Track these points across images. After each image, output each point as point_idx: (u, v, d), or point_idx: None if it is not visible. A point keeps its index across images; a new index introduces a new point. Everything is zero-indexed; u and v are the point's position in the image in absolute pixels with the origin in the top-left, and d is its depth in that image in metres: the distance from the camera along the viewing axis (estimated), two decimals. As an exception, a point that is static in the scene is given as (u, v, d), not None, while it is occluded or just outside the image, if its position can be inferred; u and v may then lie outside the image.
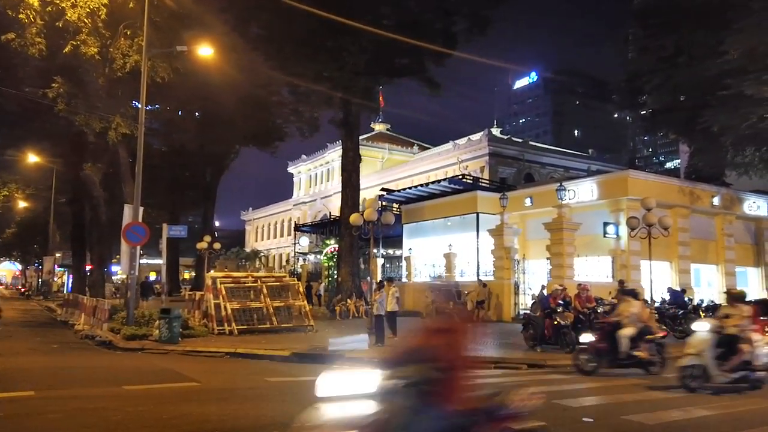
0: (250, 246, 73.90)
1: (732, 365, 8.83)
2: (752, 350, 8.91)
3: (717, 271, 25.19)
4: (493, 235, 24.28)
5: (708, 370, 8.79)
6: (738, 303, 9.62)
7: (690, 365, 8.97)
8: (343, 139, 28.99)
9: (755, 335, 9.18)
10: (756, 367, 8.94)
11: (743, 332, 8.99)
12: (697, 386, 8.81)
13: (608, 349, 10.42)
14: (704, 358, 8.83)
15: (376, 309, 14.27)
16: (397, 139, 62.32)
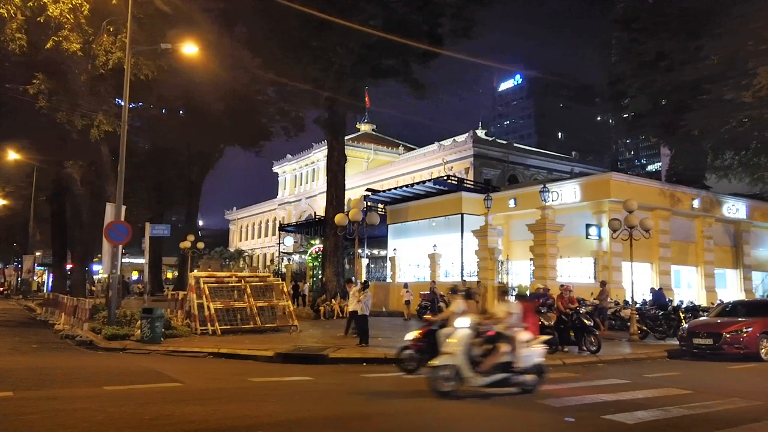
0: (234, 246, 73.48)
1: (486, 367, 8.12)
2: (512, 350, 8.29)
3: (697, 272, 25.60)
4: (478, 236, 24.43)
5: (461, 371, 7.98)
6: (508, 298, 9.19)
7: (442, 366, 8.07)
8: (329, 139, 28.97)
9: (523, 334, 8.58)
10: (515, 369, 8.25)
11: (509, 330, 8.44)
12: (451, 390, 7.93)
13: (427, 348, 10.12)
14: (458, 358, 8.04)
15: (361, 309, 14.28)
16: (383, 139, 62.42)
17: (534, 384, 8.51)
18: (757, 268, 28.09)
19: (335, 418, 7.01)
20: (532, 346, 8.66)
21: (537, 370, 8.58)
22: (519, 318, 8.80)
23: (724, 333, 13.24)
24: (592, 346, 12.99)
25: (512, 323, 8.63)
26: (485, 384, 8.13)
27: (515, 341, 8.42)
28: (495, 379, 8.17)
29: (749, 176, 24.70)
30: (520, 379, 8.37)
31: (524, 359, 8.39)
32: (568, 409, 7.41)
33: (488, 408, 7.69)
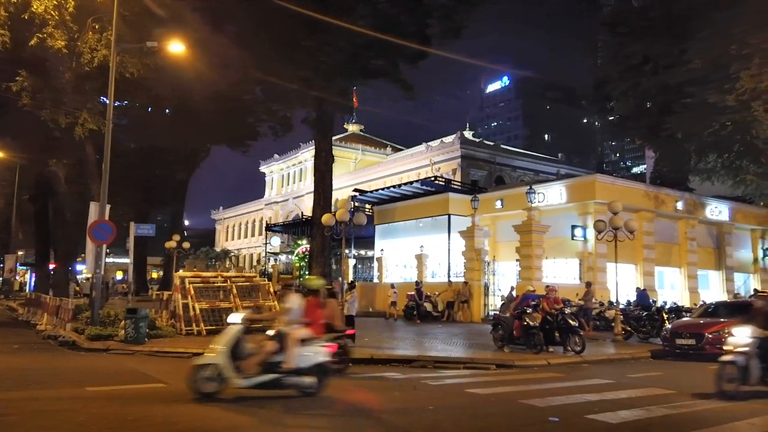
0: (220, 245, 73.07)
1: (248, 366, 7.60)
2: (282, 349, 7.73)
3: (680, 273, 25.88)
4: (464, 237, 24.51)
5: (223, 371, 7.50)
6: (292, 291, 8.46)
7: (203, 365, 7.61)
8: (317, 139, 28.91)
9: (300, 332, 7.93)
10: (285, 370, 7.64)
11: (287, 327, 7.89)
12: (215, 391, 7.53)
13: None
14: (220, 357, 7.55)
15: (347, 309, 14.25)
16: (371, 140, 62.43)
17: (314, 386, 7.83)
18: (738, 269, 28.48)
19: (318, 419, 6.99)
20: (313, 344, 8.00)
21: (318, 371, 7.88)
22: (299, 314, 8.15)
23: (706, 333, 13.41)
24: (577, 346, 13.09)
25: (291, 319, 7.99)
26: (250, 385, 7.56)
27: (287, 339, 7.78)
28: (262, 381, 7.59)
29: (732, 179, 25.06)
30: (294, 380, 7.73)
31: (299, 359, 7.73)
32: (553, 409, 7.46)
33: (483, 406, 7.72)
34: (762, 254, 29.26)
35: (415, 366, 11.62)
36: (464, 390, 8.91)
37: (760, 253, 29.50)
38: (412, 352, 13.28)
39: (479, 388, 9.03)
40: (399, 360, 12.10)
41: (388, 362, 11.92)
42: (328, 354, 8.11)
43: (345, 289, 15.66)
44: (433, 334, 17.90)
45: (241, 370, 7.56)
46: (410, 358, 12.22)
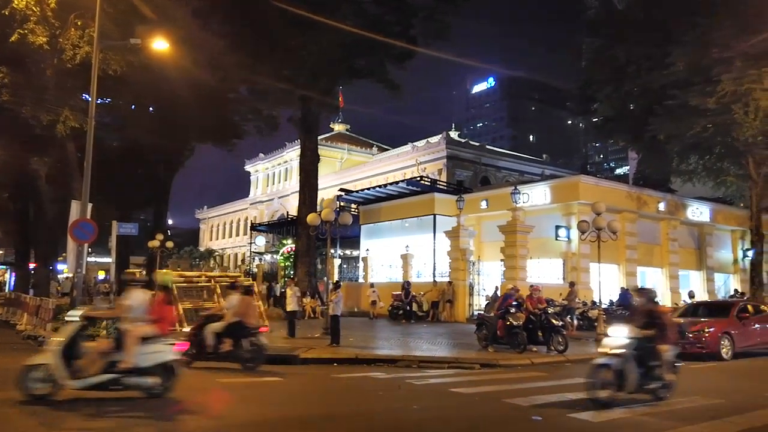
0: (204, 245, 72.52)
1: (85, 365, 7.18)
2: (119, 348, 7.35)
3: (662, 274, 26.21)
4: (450, 237, 24.59)
5: (54, 372, 7.01)
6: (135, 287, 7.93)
7: (34, 365, 7.11)
8: (302, 138, 28.81)
9: (142, 329, 7.52)
10: (123, 369, 7.23)
11: (131, 324, 7.48)
12: (47, 393, 7.02)
13: (197, 341, 10.48)
14: (51, 357, 7.08)
15: (332, 309, 14.25)
16: (357, 139, 62.35)
17: (158, 387, 7.46)
18: (719, 269, 28.92)
19: (303, 419, 6.98)
20: (157, 343, 7.59)
21: (163, 370, 7.50)
22: (142, 310, 7.71)
23: (687, 333, 13.58)
24: (560, 345, 13.20)
25: (134, 316, 7.57)
26: (84, 387, 7.14)
27: (126, 337, 7.38)
28: (97, 381, 7.16)
29: (713, 180, 25.37)
30: (134, 380, 7.31)
31: (139, 358, 7.31)
32: (536, 408, 7.52)
33: (467, 406, 7.75)
34: (742, 255, 29.71)
35: (400, 366, 11.64)
36: (448, 389, 8.94)
37: (739, 254, 29.97)
38: (396, 352, 13.30)
39: (463, 388, 9.06)
40: (384, 360, 12.11)
41: (373, 362, 11.93)
42: (175, 353, 7.68)
43: (330, 289, 15.67)
44: (418, 334, 17.93)
45: (79, 369, 7.15)
46: (395, 358, 12.24)
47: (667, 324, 8.06)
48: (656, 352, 7.84)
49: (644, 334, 7.83)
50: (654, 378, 7.80)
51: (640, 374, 7.64)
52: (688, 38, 20.33)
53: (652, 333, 7.87)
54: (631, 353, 7.64)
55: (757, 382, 10.56)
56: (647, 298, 8.36)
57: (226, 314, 10.85)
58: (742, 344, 13.99)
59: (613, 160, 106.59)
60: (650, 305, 8.24)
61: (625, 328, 7.91)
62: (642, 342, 7.79)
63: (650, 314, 8.07)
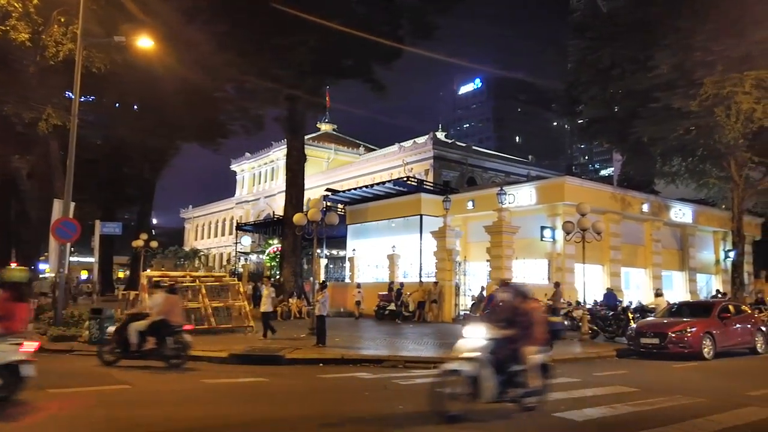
0: (189, 245, 71.98)
1: None
2: None
3: (645, 274, 26.49)
4: (436, 237, 24.64)
5: None
6: None
7: None
8: (289, 138, 28.73)
9: None
10: None
11: None
12: None
13: (121, 339, 10.65)
14: None
15: (318, 309, 14.21)
16: (343, 139, 62.28)
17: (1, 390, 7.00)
18: (701, 270, 29.30)
19: (289, 420, 6.95)
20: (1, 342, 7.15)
21: (6, 372, 7.07)
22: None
23: (669, 333, 13.74)
24: (545, 345, 13.25)
25: None
26: None
27: None
28: None
29: (695, 182, 25.67)
30: None
31: None
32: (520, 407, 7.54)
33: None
34: (723, 256, 30.13)
35: (386, 366, 11.64)
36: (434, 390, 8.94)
37: (721, 255, 30.39)
38: (383, 352, 13.29)
39: (449, 388, 9.07)
40: (370, 360, 12.10)
41: (359, 362, 11.91)
42: (22, 353, 7.18)
43: (316, 289, 15.62)
44: (404, 334, 17.94)
45: None
46: (381, 358, 12.23)
47: (534, 322, 6.99)
48: (519, 355, 6.83)
49: (504, 335, 6.83)
50: (517, 385, 6.83)
51: (500, 381, 6.67)
52: (672, 41, 20.55)
53: (513, 333, 6.87)
54: (488, 357, 6.62)
55: (738, 382, 10.70)
56: (514, 293, 7.32)
57: (150, 313, 10.96)
58: (723, 344, 14.18)
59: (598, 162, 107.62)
60: (516, 301, 7.18)
61: (482, 328, 6.90)
62: (501, 343, 6.78)
63: (514, 311, 7.06)
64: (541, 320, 7.17)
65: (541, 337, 7.06)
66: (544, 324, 7.23)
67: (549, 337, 7.47)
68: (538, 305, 7.45)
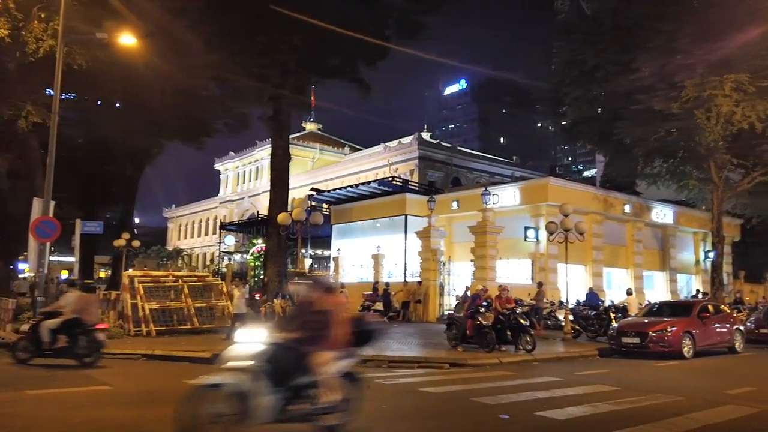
0: (172, 244, 71.37)
1: None
2: None
3: (627, 274, 26.80)
4: (421, 237, 24.69)
5: None
6: None
7: None
8: (273, 137, 28.55)
9: None
10: None
11: None
12: None
13: (33, 338, 10.73)
14: None
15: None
16: (329, 139, 62.17)
17: None
18: (681, 270, 29.72)
19: (273, 420, 6.91)
20: None
21: None
22: None
23: (650, 332, 13.92)
24: (528, 345, 13.37)
25: None
26: None
27: None
28: None
29: (676, 183, 26.02)
30: None
31: None
32: (504, 407, 7.61)
33: (436, 405, 7.79)
34: (703, 256, 30.59)
35: (370, 366, 11.62)
36: (417, 389, 8.99)
37: (701, 255, 30.85)
38: (366, 352, 13.26)
39: (432, 387, 9.12)
40: (353, 360, 12.08)
41: (343, 362, 11.89)
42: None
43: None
44: (388, 334, 17.94)
45: None
46: (365, 358, 12.14)
47: (331, 322, 5.65)
48: (307, 364, 5.43)
49: (287, 338, 5.63)
50: (304, 399, 5.47)
51: (282, 396, 5.31)
52: (654, 44, 20.81)
53: (300, 336, 5.63)
54: (263, 367, 5.30)
55: (717, 380, 10.87)
56: (313, 286, 6.19)
57: (64, 311, 10.99)
58: (702, 343, 14.40)
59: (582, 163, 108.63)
60: (314, 297, 5.96)
61: (260, 331, 5.76)
62: (283, 349, 5.49)
63: (308, 309, 5.91)
64: (343, 319, 5.76)
65: (341, 340, 5.66)
66: (347, 324, 5.79)
67: (359, 339, 5.95)
68: (341, 300, 5.99)
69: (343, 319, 5.79)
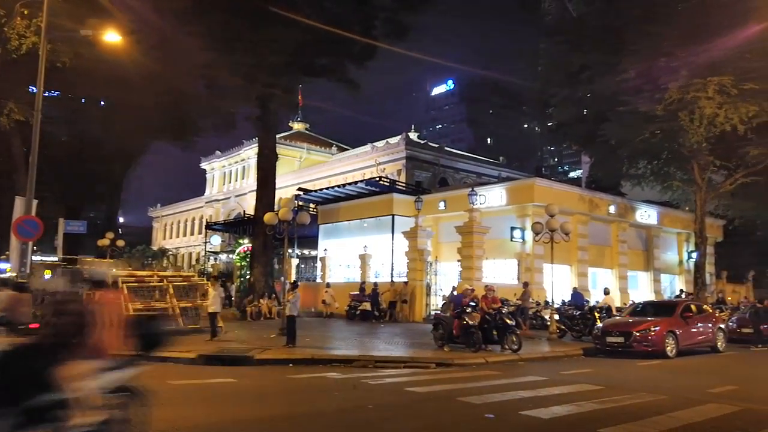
0: (157, 244, 70.74)
1: None
2: None
3: (612, 274, 27.03)
4: (408, 237, 24.71)
5: None
6: None
7: None
8: (260, 136, 28.44)
9: None
10: None
11: None
12: None
13: None
14: None
15: (289, 310, 14.11)
16: (316, 139, 61.96)
17: None
18: (665, 270, 30.05)
19: (258, 420, 6.89)
20: None
21: None
22: None
23: (634, 332, 14.06)
24: (514, 344, 13.44)
25: None
26: None
27: None
28: None
29: (660, 184, 26.28)
30: None
31: None
32: (489, 406, 7.63)
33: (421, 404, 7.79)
34: (686, 257, 30.95)
35: (356, 366, 11.63)
36: (403, 389, 8.99)
37: (684, 256, 31.20)
38: (353, 352, 13.28)
39: (418, 387, 9.13)
40: (340, 360, 12.08)
41: (330, 362, 11.88)
42: None
43: (287, 289, 15.52)
44: (374, 334, 17.95)
45: None
46: (351, 358, 12.22)
47: (90, 325, 4.49)
48: (50, 377, 4.08)
49: (17, 344, 4.54)
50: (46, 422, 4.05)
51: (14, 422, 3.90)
52: (639, 47, 21.02)
53: (38, 341, 4.60)
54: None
55: (699, 379, 11.01)
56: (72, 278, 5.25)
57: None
58: (685, 342, 14.57)
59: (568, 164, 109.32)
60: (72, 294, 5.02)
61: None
62: (14, 359, 4.18)
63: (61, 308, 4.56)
64: (111, 321, 4.66)
65: (106, 347, 4.56)
66: (119, 327, 4.70)
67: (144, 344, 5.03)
68: (110, 298, 4.94)
69: (113, 320, 4.68)
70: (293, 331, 13.76)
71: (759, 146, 21.23)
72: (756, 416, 7.36)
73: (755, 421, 7.07)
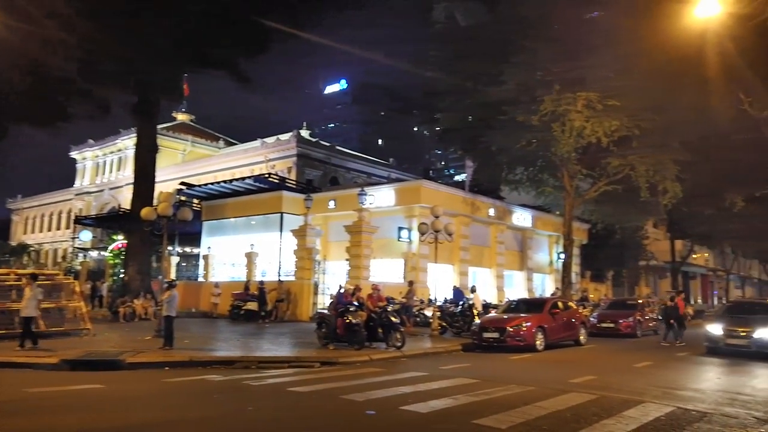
0: (17, 239, 64.17)
1: None
2: None
3: (490, 273, 28.57)
4: (296, 236, 24.44)
5: None
6: None
7: None
8: (139, 126, 26.77)
9: None
10: None
11: None
12: None
13: None
14: None
15: (165, 310, 13.38)
16: (202, 131, 59.40)
17: None
18: (537, 270, 32.31)
19: (125, 428, 6.45)
20: None
21: None
22: None
23: (507, 327, 14.94)
24: (398, 342, 13.75)
25: None
26: None
27: None
28: None
29: (534, 190, 28.12)
30: None
31: None
32: (371, 403, 7.73)
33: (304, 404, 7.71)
34: (556, 257, 33.45)
35: (238, 367, 11.28)
36: (286, 389, 8.86)
37: (554, 256, 33.72)
38: (234, 353, 12.88)
39: (301, 386, 9.04)
40: (221, 361, 11.66)
41: (209, 364, 11.42)
42: None
43: (164, 288, 14.70)
44: (259, 334, 17.56)
45: None
46: (233, 359, 11.84)
47: None
48: None
49: None
50: None
51: None
52: (519, 60, 22.37)
53: None
54: None
55: (563, 371, 11.88)
56: None
57: None
58: (553, 337, 15.73)
59: (453, 168, 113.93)
60: None
61: None
62: None
63: None
64: None
65: None
66: None
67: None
68: None
69: None
70: (171, 333, 13.06)
71: (619, 157, 23.41)
72: (610, 402, 8.07)
73: (609, 407, 7.75)
